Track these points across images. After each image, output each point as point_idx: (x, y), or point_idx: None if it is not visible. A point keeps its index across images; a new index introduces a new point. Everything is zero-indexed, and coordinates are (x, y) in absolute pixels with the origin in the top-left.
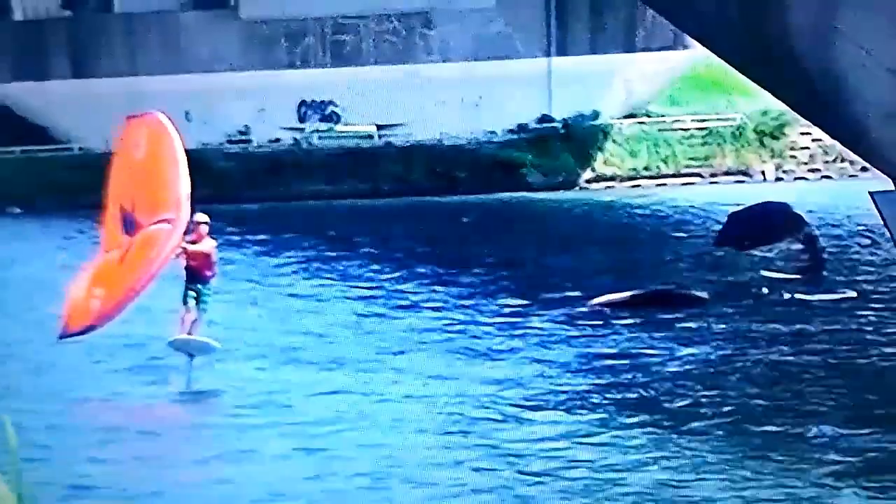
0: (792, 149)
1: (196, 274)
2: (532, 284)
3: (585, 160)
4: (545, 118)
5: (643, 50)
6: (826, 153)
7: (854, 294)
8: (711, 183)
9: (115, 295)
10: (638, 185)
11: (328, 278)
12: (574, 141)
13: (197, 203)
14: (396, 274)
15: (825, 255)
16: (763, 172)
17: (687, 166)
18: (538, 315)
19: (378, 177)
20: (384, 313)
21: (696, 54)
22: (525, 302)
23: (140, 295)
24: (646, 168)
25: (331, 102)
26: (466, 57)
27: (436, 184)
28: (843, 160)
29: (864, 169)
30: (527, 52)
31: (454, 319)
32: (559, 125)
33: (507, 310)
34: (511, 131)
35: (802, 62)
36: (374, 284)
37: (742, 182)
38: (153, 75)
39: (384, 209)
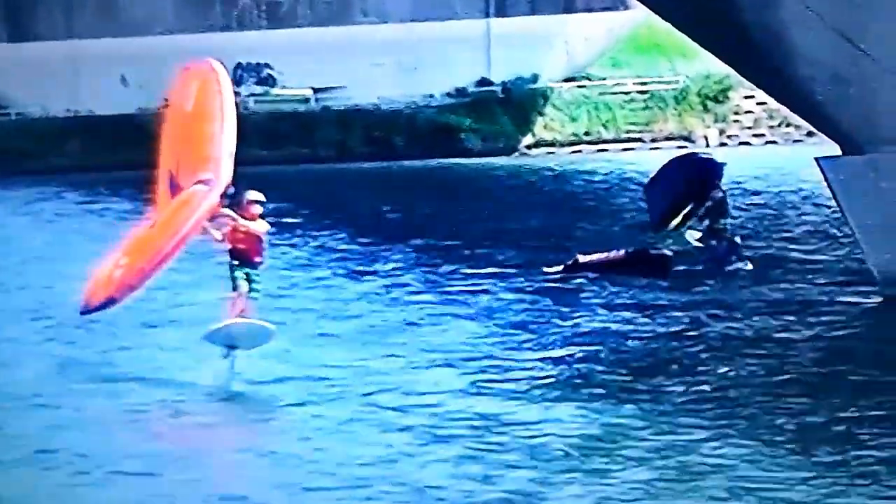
0: (736, 113)
1: (245, 257)
2: (476, 253)
3: (525, 125)
4: (484, 81)
5: (584, 11)
6: (771, 117)
7: (749, 266)
8: (653, 148)
9: (139, 262)
10: (579, 151)
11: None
12: (513, 105)
13: (136, 169)
14: (337, 244)
15: (739, 247)
16: (706, 137)
17: (628, 131)
18: (488, 283)
19: (316, 142)
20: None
21: (638, 15)
22: (473, 271)
23: (167, 262)
24: (586, 133)
25: (266, 65)
26: (404, 18)
27: (374, 149)
28: (788, 124)
29: (810, 133)
30: (465, 12)
31: (399, 286)
32: (498, 89)
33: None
34: (449, 95)
35: (746, 23)
36: (313, 254)
37: (684, 147)
38: (89, 39)
39: (323, 175)
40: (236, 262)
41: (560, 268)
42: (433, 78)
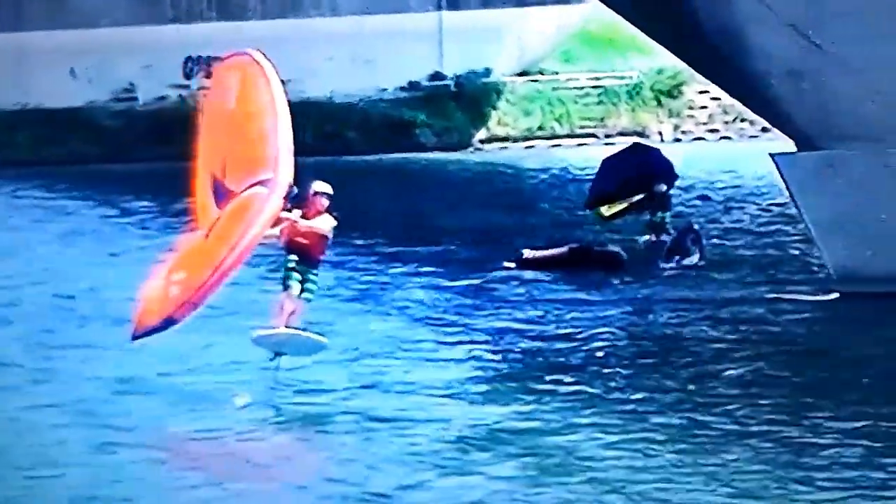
0: (690, 108)
1: (304, 255)
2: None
3: (479, 120)
4: (437, 75)
5: (537, 4)
6: (726, 113)
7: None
8: (607, 144)
9: (199, 277)
10: (532, 146)
11: None
12: (466, 99)
13: (86, 163)
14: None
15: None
16: (660, 133)
17: (582, 126)
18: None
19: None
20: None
21: (591, 9)
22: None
23: (230, 275)
24: (540, 128)
25: (217, 58)
26: (355, 11)
27: (326, 144)
28: (743, 120)
29: (765, 129)
30: (417, 6)
31: (359, 280)
32: (451, 83)
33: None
34: (402, 89)
35: (700, 17)
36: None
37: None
38: (38, 31)
39: None
40: (294, 260)
41: (513, 264)
42: (386, 71)
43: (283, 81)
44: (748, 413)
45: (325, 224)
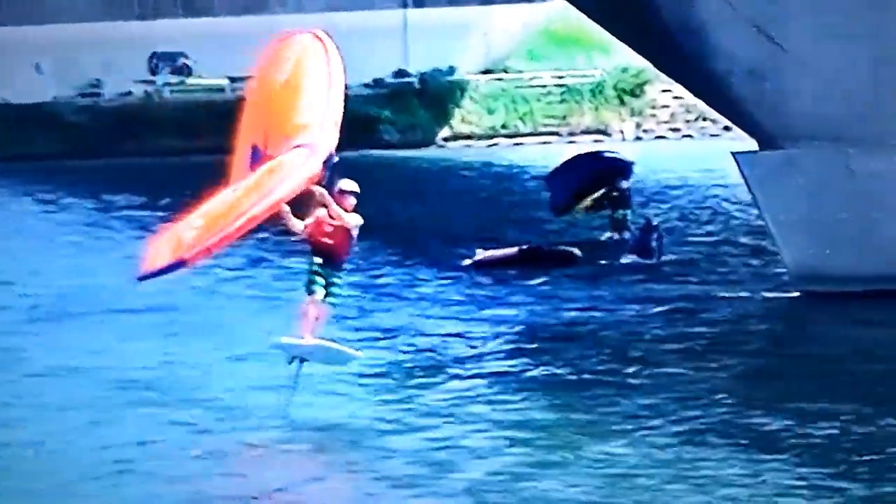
0: (652, 107)
1: (329, 255)
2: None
3: (443, 117)
4: (401, 73)
5: (502, 2)
6: (688, 111)
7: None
8: (570, 142)
9: (219, 224)
10: (496, 144)
11: None
12: (431, 97)
13: (52, 158)
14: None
15: (653, 242)
16: (622, 131)
17: (545, 124)
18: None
19: (232, 132)
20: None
21: (556, 7)
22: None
23: (253, 225)
24: (503, 126)
25: (182, 54)
26: (320, 8)
27: None
28: (705, 119)
29: (726, 128)
30: (383, 3)
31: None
32: (415, 80)
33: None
34: (367, 86)
35: (663, 16)
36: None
37: (601, 141)
38: (3, 26)
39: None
40: (319, 262)
41: (470, 262)
42: (350, 68)
43: (248, 77)
44: (707, 410)
45: (353, 220)
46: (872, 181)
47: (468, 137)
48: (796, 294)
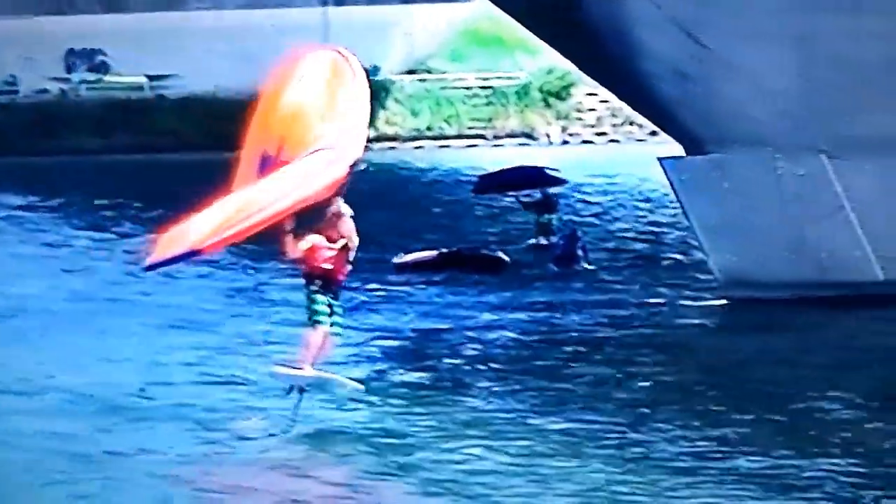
0: (578, 110)
1: (328, 280)
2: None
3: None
4: None
5: (423, 1)
6: (614, 115)
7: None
8: (496, 145)
9: (238, 217)
10: (421, 147)
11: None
12: None
13: None
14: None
15: (579, 251)
16: (548, 135)
17: (470, 127)
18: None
19: (152, 131)
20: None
21: (480, 7)
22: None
23: (269, 223)
24: (428, 128)
25: (99, 51)
26: (239, 5)
27: (212, 140)
28: (631, 123)
29: (653, 133)
30: (303, 1)
31: (240, 284)
32: None
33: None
34: None
35: (589, 16)
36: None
37: (527, 145)
38: None
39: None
40: (316, 287)
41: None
42: (271, 67)
43: (167, 75)
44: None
45: (352, 242)
46: (800, 185)
47: (393, 139)
48: (723, 301)
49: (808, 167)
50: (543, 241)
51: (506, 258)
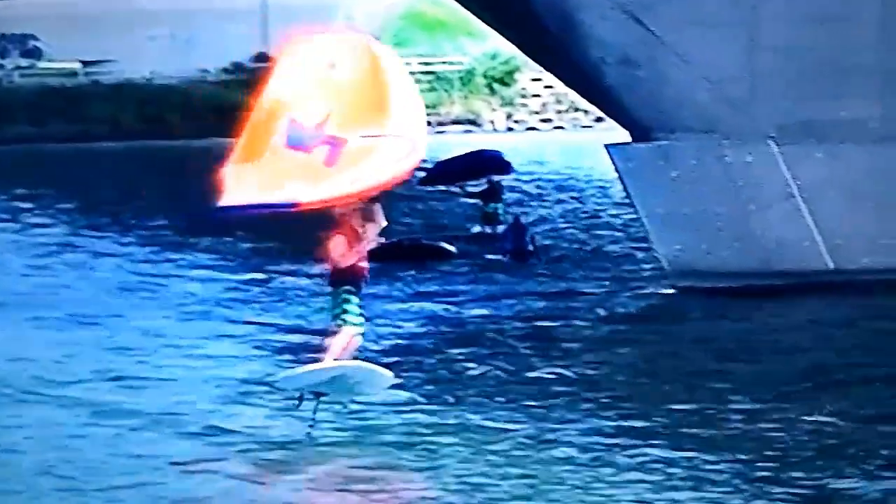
0: (523, 96)
1: (356, 280)
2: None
3: None
4: (262, 57)
5: None
6: (559, 102)
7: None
8: (439, 132)
9: (307, 188)
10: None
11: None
12: None
13: None
14: (93, 225)
15: (529, 244)
16: (493, 122)
17: None
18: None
19: (87, 118)
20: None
21: None
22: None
23: (332, 203)
24: None
25: (33, 37)
26: None
27: (148, 127)
28: (576, 109)
29: (599, 119)
30: None
31: (153, 274)
32: None
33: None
34: (226, 70)
35: (534, 1)
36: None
37: (471, 132)
38: None
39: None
40: (348, 288)
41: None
42: (208, 52)
43: (102, 61)
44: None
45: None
46: (748, 173)
47: None
48: (670, 291)
49: (756, 154)
50: (489, 230)
51: (453, 249)
